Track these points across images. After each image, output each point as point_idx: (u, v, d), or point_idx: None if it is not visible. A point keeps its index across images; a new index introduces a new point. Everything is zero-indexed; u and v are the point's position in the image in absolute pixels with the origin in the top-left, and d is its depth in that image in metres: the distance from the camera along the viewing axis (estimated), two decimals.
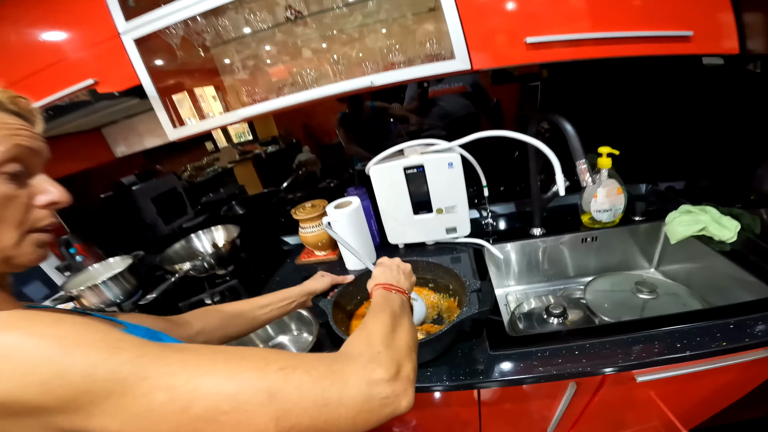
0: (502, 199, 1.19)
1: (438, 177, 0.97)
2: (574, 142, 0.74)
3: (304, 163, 1.26)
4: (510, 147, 1.10)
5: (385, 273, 0.61)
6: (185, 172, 1.36)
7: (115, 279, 1.10)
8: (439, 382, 0.64)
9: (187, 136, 0.92)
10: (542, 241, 1.02)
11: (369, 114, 1.15)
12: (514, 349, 0.66)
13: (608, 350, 0.63)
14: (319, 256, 1.23)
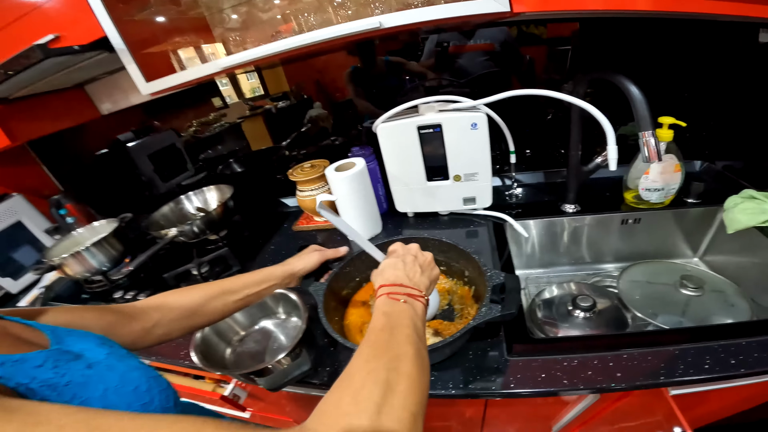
0: (529, 167, 1.04)
1: (458, 139, 0.84)
2: (640, 109, 0.59)
3: (315, 118, 1.16)
4: (542, 109, 0.96)
5: (396, 267, 0.49)
6: (191, 128, 1.28)
7: (100, 245, 1.03)
8: (444, 389, 0.56)
9: (163, 90, 0.82)
10: (574, 220, 0.90)
11: (383, 69, 1.01)
12: (537, 355, 0.57)
13: (648, 362, 0.54)
14: (318, 222, 1.13)
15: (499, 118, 0.83)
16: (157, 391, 0.41)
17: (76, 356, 0.38)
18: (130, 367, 0.41)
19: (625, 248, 0.92)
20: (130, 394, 0.38)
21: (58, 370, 0.35)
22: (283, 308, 0.78)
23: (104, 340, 0.46)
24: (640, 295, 0.80)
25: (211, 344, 0.70)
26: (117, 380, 0.39)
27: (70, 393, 0.34)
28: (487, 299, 0.56)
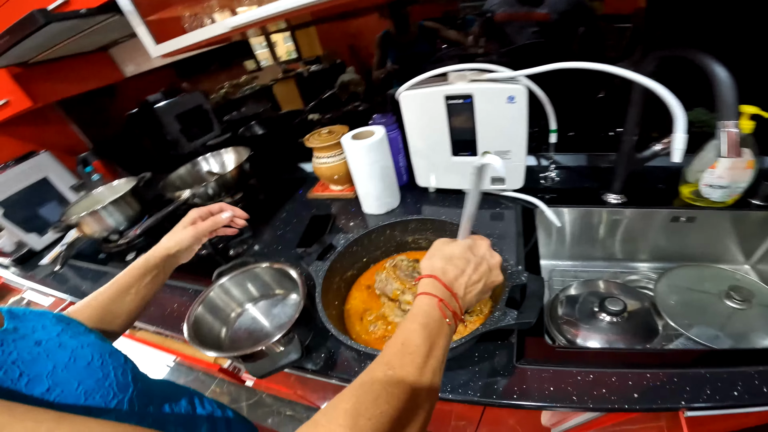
0: (570, 149, 0.94)
1: (491, 112, 0.75)
2: (726, 94, 0.49)
3: (347, 83, 1.12)
4: (593, 87, 0.85)
5: (463, 267, 0.43)
6: (222, 89, 1.29)
7: (116, 204, 1.06)
8: (441, 391, 0.54)
9: (173, 51, 0.79)
10: (617, 212, 0.82)
11: (416, 35, 0.93)
12: (549, 365, 0.54)
13: (674, 383, 0.49)
14: (334, 191, 1.11)
15: (542, 93, 0.74)
16: (112, 367, 0.42)
17: (23, 335, 0.39)
18: (82, 343, 0.42)
19: (670, 248, 0.83)
20: (82, 369, 0.39)
21: (4, 348, 0.36)
22: (282, 286, 0.77)
23: (61, 318, 0.46)
24: (678, 301, 0.73)
25: (205, 322, 0.69)
26: (67, 357, 0.39)
27: (17, 371, 0.35)
28: (503, 302, 0.51)
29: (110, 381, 0.40)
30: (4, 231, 1.23)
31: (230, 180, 1.09)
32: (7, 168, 1.23)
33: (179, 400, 0.54)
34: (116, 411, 0.40)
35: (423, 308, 0.40)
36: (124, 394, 0.41)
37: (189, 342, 0.62)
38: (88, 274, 1.12)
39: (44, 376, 0.36)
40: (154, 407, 0.47)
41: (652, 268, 0.88)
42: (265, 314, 0.75)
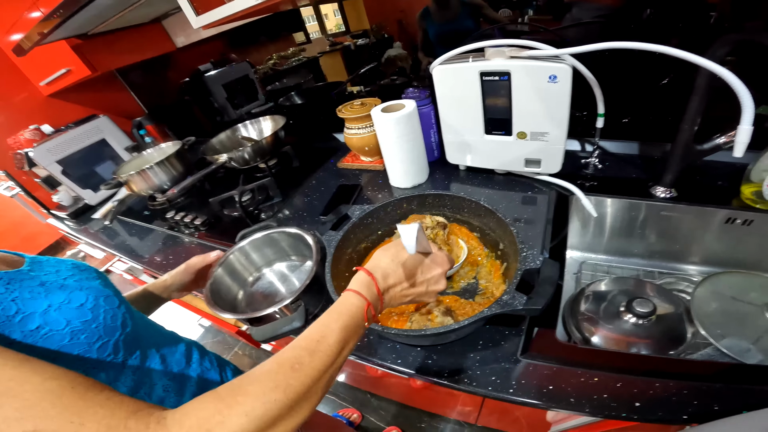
0: (619, 136, 0.88)
1: (529, 91, 0.72)
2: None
3: (394, 58, 1.13)
4: (657, 72, 0.78)
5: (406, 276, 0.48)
6: (270, 61, 1.38)
7: (162, 165, 1.16)
8: (437, 376, 0.56)
9: (212, 23, 0.82)
10: (665, 207, 0.77)
11: (458, 12, 0.92)
12: (553, 362, 0.54)
13: (683, 396, 0.48)
14: (364, 162, 1.13)
15: (590, 74, 0.69)
16: (103, 310, 0.45)
17: (33, 277, 0.44)
18: (82, 286, 0.46)
19: (718, 251, 0.78)
20: (73, 310, 0.43)
21: (9, 287, 0.40)
22: (300, 252, 0.81)
23: (78, 266, 0.52)
24: (716, 310, 0.70)
25: (224, 283, 0.75)
26: (63, 298, 0.43)
27: (14, 307, 0.39)
28: (513, 285, 0.51)
29: (98, 324, 0.44)
30: (62, 186, 1.39)
31: (265, 146, 1.15)
32: (68, 129, 1.38)
33: (173, 352, 0.57)
34: (98, 353, 0.44)
35: (349, 309, 0.43)
36: (110, 337, 0.45)
37: (206, 302, 0.68)
38: (134, 229, 1.25)
39: (37, 314, 0.40)
40: (140, 355, 0.50)
41: (694, 272, 0.83)
42: (281, 279, 0.80)
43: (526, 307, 0.48)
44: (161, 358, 0.54)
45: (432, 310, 0.60)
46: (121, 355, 0.47)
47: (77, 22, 0.88)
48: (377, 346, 0.64)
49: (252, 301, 0.77)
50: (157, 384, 0.51)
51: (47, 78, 1.23)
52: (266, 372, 0.36)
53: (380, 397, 1.52)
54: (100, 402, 0.32)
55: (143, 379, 0.49)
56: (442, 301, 0.62)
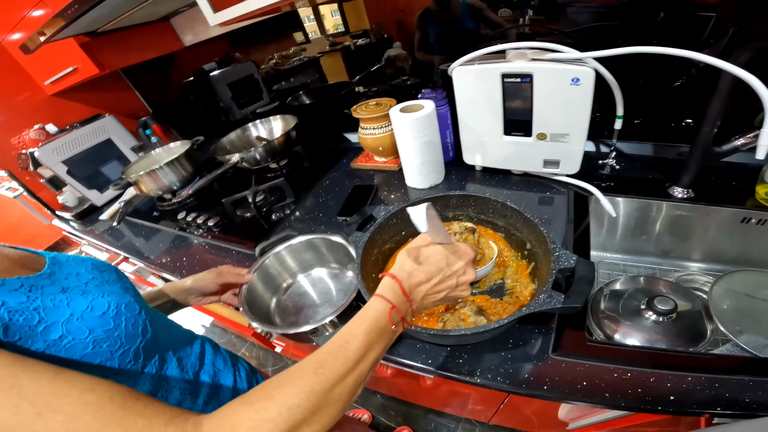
0: (634, 136, 0.90)
1: (551, 93, 0.74)
2: None
3: (393, 58, 1.15)
4: (671, 74, 0.81)
5: (429, 274, 0.47)
6: (271, 60, 1.39)
7: (172, 165, 1.16)
8: (469, 375, 0.58)
9: (230, 20, 0.83)
10: (682, 207, 0.79)
11: (459, 13, 0.95)
12: (586, 359, 0.56)
13: (714, 389, 0.50)
14: (378, 162, 1.14)
15: (612, 77, 0.71)
16: (124, 318, 0.46)
17: (55, 281, 0.43)
18: (104, 293, 0.46)
19: (732, 251, 0.80)
20: (95, 319, 0.43)
21: (31, 294, 0.40)
22: (338, 258, 0.81)
23: (98, 265, 0.52)
24: (732, 306, 0.72)
25: (257, 293, 0.75)
26: (85, 305, 0.43)
27: (36, 317, 0.38)
28: (549, 284, 0.53)
29: (119, 332, 0.44)
30: (68, 187, 1.38)
31: (277, 146, 1.15)
32: (73, 129, 1.37)
33: (189, 354, 0.57)
34: (119, 361, 0.44)
35: (372, 313, 0.43)
36: (131, 344, 0.45)
37: (243, 313, 0.68)
38: (143, 230, 1.25)
39: (60, 323, 0.40)
40: (158, 360, 0.50)
41: (708, 270, 0.85)
42: (317, 288, 0.80)
43: (565, 306, 0.49)
44: (178, 361, 0.54)
45: (463, 309, 0.61)
46: (141, 361, 0.47)
47: (88, 19, 0.88)
48: (405, 347, 0.65)
49: (283, 307, 0.77)
50: (174, 387, 0.52)
51: (52, 77, 1.22)
52: (290, 377, 0.37)
53: (389, 397, 1.53)
54: (139, 411, 0.33)
55: (161, 383, 0.50)
56: (474, 301, 0.63)
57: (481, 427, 1.36)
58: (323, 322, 0.62)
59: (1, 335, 0.35)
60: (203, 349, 0.62)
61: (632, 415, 0.66)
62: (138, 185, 1.18)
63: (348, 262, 0.79)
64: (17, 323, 0.37)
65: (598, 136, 0.94)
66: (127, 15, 0.96)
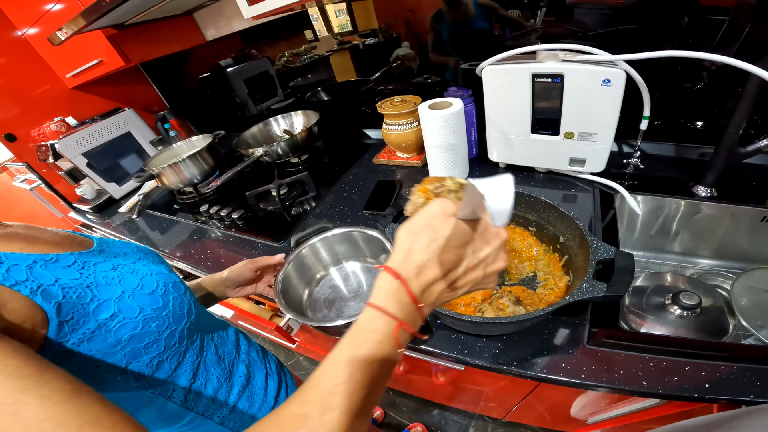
0: (656, 137, 0.93)
1: (582, 94, 0.77)
2: None
3: (402, 57, 1.17)
4: (694, 77, 0.83)
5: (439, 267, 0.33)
6: (283, 58, 1.41)
7: (194, 158, 1.18)
8: (507, 364, 0.60)
9: (263, 13, 0.84)
10: (705, 205, 0.82)
11: (470, 13, 0.97)
12: (622, 349, 0.58)
13: (746, 377, 0.52)
14: (400, 158, 1.16)
15: (641, 80, 0.74)
16: (172, 297, 0.46)
17: (105, 258, 0.44)
18: (152, 272, 0.47)
19: (754, 249, 0.83)
20: (146, 297, 0.43)
21: (84, 271, 0.40)
22: (373, 252, 0.81)
23: (141, 248, 0.53)
24: (752, 302, 0.75)
25: (291, 284, 0.76)
26: (136, 283, 0.43)
27: (89, 294, 0.39)
28: (590, 275, 0.55)
29: (167, 311, 0.45)
30: (86, 179, 1.39)
31: (299, 141, 1.18)
32: (94, 122, 1.38)
33: (225, 342, 0.58)
34: (166, 341, 0.44)
35: (370, 337, 0.32)
36: (177, 325, 0.46)
37: (279, 305, 0.69)
38: (163, 223, 1.26)
39: (112, 301, 0.40)
40: (199, 344, 0.51)
41: (728, 267, 0.88)
42: (348, 282, 0.81)
43: (609, 294, 0.52)
44: (215, 348, 0.55)
45: (501, 300, 0.63)
46: (185, 343, 0.48)
47: (122, 10, 0.89)
48: (438, 338, 0.66)
49: (315, 303, 0.78)
50: (213, 375, 0.53)
51: (75, 69, 1.23)
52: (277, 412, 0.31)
53: (401, 393, 1.55)
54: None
55: (201, 369, 0.51)
56: (511, 291, 0.66)
57: (493, 424, 1.39)
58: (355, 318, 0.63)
59: (55, 313, 0.35)
60: (237, 337, 0.63)
61: (650, 409, 0.69)
62: (160, 177, 1.20)
63: (380, 255, 0.80)
64: (70, 301, 0.37)
65: (619, 136, 0.97)
66: (160, 6, 0.97)
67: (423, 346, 0.66)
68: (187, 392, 0.49)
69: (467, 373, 0.89)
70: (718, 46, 0.77)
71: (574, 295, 0.53)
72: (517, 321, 0.53)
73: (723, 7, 0.74)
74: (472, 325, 0.60)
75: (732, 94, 0.80)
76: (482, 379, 0.93)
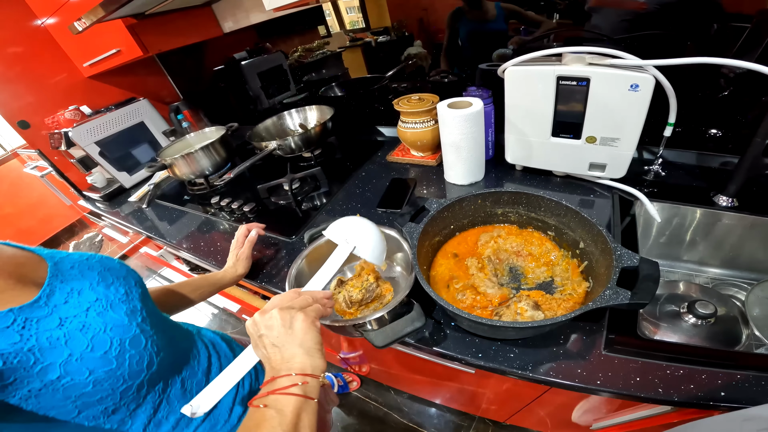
0: (678, 145, 0.93)
1: (608, 98, 0.77)
2: None
3: (414, 56, 1.19)
4: (717, 85, 0.84)
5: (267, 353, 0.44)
6: (296, 53, 1.44)
7: (206, 150, 1.19)
8: (521, 368, 0.61)
9: (284, 6, 0.85)
10: (725, 215, 0.82)
11: (490, 14, 0.99)
12: (639, 356, 0.59)
13: (761, 386, 0.53)
14: (415, 157, 1.17)
15: (670, 86, 0.74)
16: (128, 356, 0.43)
17: (51, 311, 0.40)
18: (107, 325, 0.43)
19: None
20: (96, 360, 0.40)
21: (24, 332, 0.37)
22: (389, 249, 0.77)
23: (107, 274, 0.49)
24: (766, 313, 0.76)
25: (305, 281, 0.75)
26: (85, 344, 0.40)
27: (32, 358, 0.36)
28: (614, 281, 0.56)
29: (122, 370, 0.42)
30: (97, 168, 1.41)
31: (313, 136, 1.19)
32: (108, 111, 1.40)
33: (195, 373, 0.57)
34: (121, 395, 0.43)
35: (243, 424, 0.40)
36: (134, 380, 0.44)
37: None
38: (173, 213, 1.28)
39: (58, 364, 0.38)
40: (162, 386, 0.50)
41: (742, 278, 0.89)
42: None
43: (633, 302, 0.53)
44: (182, 382, 0.54)
45: (520, 304, 0.64)
46: (144, 391, 0.47)
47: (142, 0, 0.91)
48: (453, 341, 0.67)
49: None
50: (176, 407, 0.52)
51: (92, 59, 1.24)
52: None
53: (403, 393, 1.57)
54: None
55: (163, 404, 0.50)
56: (529, 296, 0.67)
57: (494, 426, 1.40)
58: (370, 318, 0.63)
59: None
60: (210, 362, 0.61)
61: (657, 416, 0.70)
62: (172, 168, 1.21)
63: (395, 254, 0.81)
64: (11, 366, 0.35)
65: (639, 143, 0.97)
66: None
67: (436, 348, 0.67)
68: (146, 425, 0.49)
69: (473, 376, 0.90)
70: (738, 53, 0.77)
71: (598, 302, 0.54)
72: (538, 326, 0.54)
73: (745, 15, 0.75)
74: (490, 329, 0.61)
75: (757, 103, 0.81)
76: (486, 381, 0.94)
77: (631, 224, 0.84)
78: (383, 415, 1.52)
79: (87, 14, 0.95)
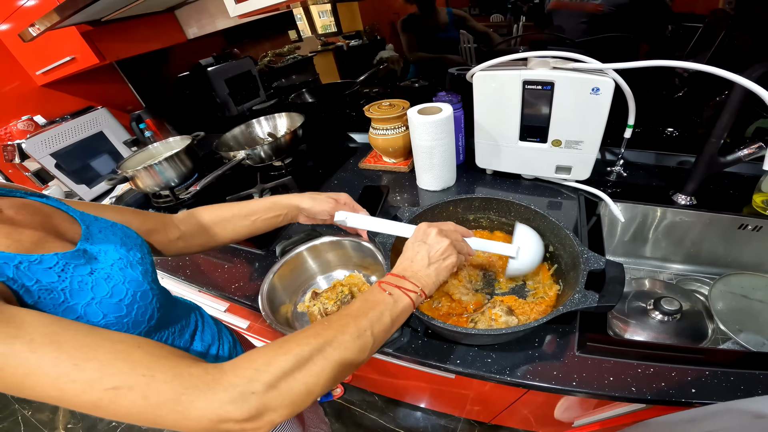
0: (638, 145, 0.96)
1: (570, 102, 0.78)
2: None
3: (386, 60, 1.18)
4: (673, 86, 0.87)
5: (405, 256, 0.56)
6: (265, 58, 1.40)
7: (171, 160, 1.13)
8: (499, 373, 0.60)
9: (250, 12, 0.83)
10: (684, 213, 0.85)
11: (443, 20, 1.01)
12: (611, 356, 0.59)
13: (730, 382, 0.54)
14: (387, 163, 1.16)
15: (628, 89, 0.76)
16: (137, 306, 0.48)
17: (87, 260, 0.45)
18: (125, 278, 0.48)
19: (729, 255, 0.87)
20: (112, 305, 0.45)
21: (63, 274, 0.42)
22: (361, 260, 0.80)
23: (127, 240, 0.53)
24: (730, 307, 0.78)
25: (277, 295, 0.74)
26: (106, 291, 0.45)
27: (62, 297, 0.41)
28: (582, 285, 0.56)
29: (129, 318, 0.46)
30: (54, 181, 1.32)
31: (283, 144, 1.15)
32: (63, 121, 1.31)
33: (183, 332, 0.60)
34: None
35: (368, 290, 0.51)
36: (135, 329, 0.48)
37: (266, 317, 0.67)
38: None
39: (80, 305, 0.42)
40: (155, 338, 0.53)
41: (704, 273, 0.92)
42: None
43: (601, 304, 0.53)
44: (171, 340, 0.57)
45: (494, 310, 0.63)
46: None
47: (99, 6, 0.85)
48: (431, 348, 0.66)
49: (302, 315, 0.76)
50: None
51: (46, 66, 1.16)
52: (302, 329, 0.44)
53: (388, 399, 1.54)
54: (164, 355, 0.37)
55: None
56: (503, 301, 0.66)
57: (480, 427, 1.40)
58: None
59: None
60: (196, 326, 0.64)
61: (638, 411, 0.70)
62: (135, 180, 1.15)
63: (371, 264, 0.79)
64: (44, 300, 0.39)
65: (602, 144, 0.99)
66: (139, 2, 0.93)
67: (415, 356, 0.65)
68: None
69: (453, 380, 0.88)
70: (691, 54, 0.80)
71: (567, 306, 0.54)
72: (512, 332, 0.53)
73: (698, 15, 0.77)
74: (466, 337, 0.60)
75: (711, 103, 0.83)
76: (468, 384, 0.93)
77: (597, 224, 0.85)
78: (369, 422, 1.49)
79: (40, 20, 0.89)
